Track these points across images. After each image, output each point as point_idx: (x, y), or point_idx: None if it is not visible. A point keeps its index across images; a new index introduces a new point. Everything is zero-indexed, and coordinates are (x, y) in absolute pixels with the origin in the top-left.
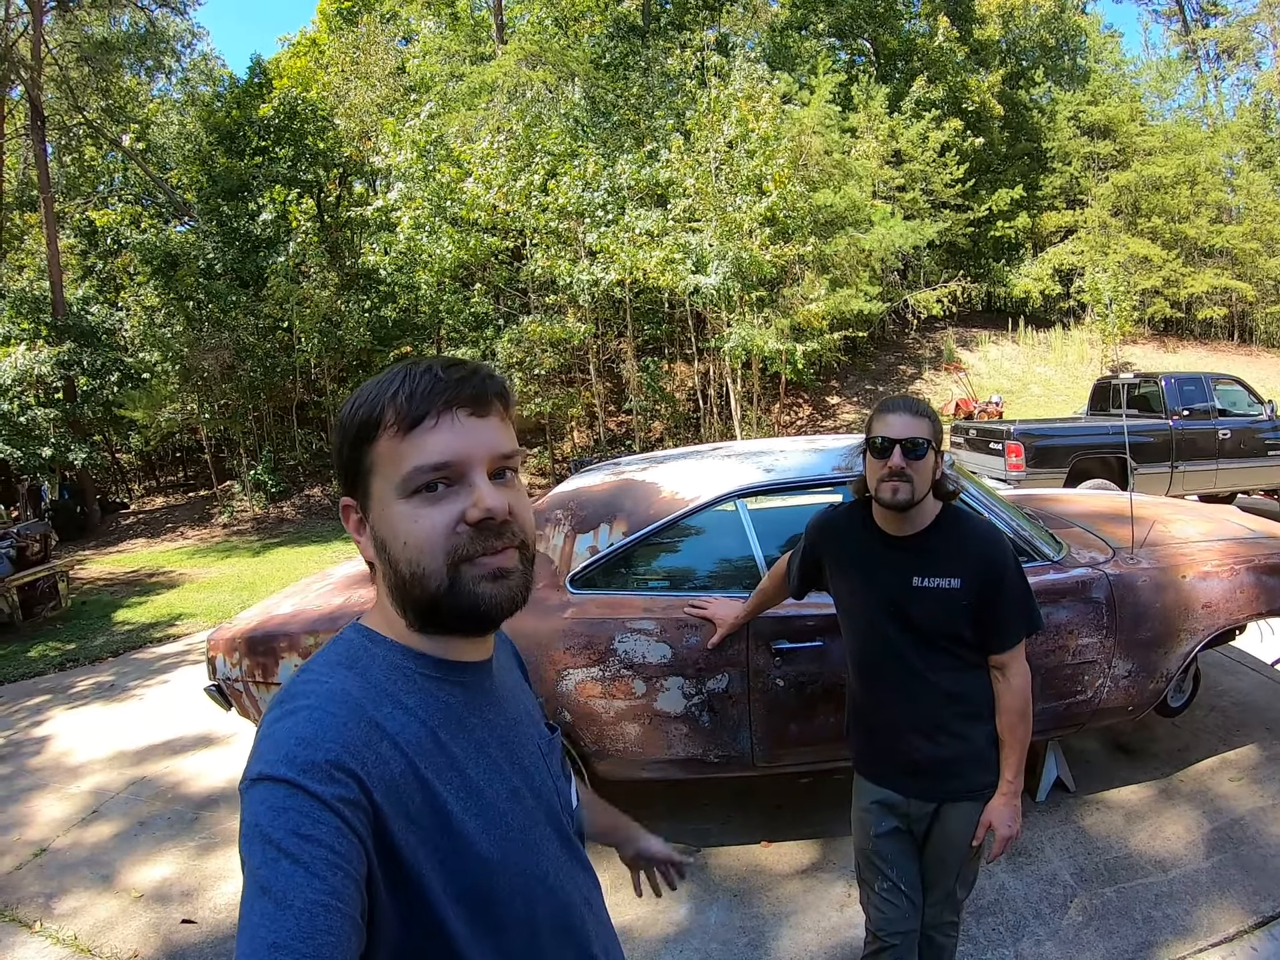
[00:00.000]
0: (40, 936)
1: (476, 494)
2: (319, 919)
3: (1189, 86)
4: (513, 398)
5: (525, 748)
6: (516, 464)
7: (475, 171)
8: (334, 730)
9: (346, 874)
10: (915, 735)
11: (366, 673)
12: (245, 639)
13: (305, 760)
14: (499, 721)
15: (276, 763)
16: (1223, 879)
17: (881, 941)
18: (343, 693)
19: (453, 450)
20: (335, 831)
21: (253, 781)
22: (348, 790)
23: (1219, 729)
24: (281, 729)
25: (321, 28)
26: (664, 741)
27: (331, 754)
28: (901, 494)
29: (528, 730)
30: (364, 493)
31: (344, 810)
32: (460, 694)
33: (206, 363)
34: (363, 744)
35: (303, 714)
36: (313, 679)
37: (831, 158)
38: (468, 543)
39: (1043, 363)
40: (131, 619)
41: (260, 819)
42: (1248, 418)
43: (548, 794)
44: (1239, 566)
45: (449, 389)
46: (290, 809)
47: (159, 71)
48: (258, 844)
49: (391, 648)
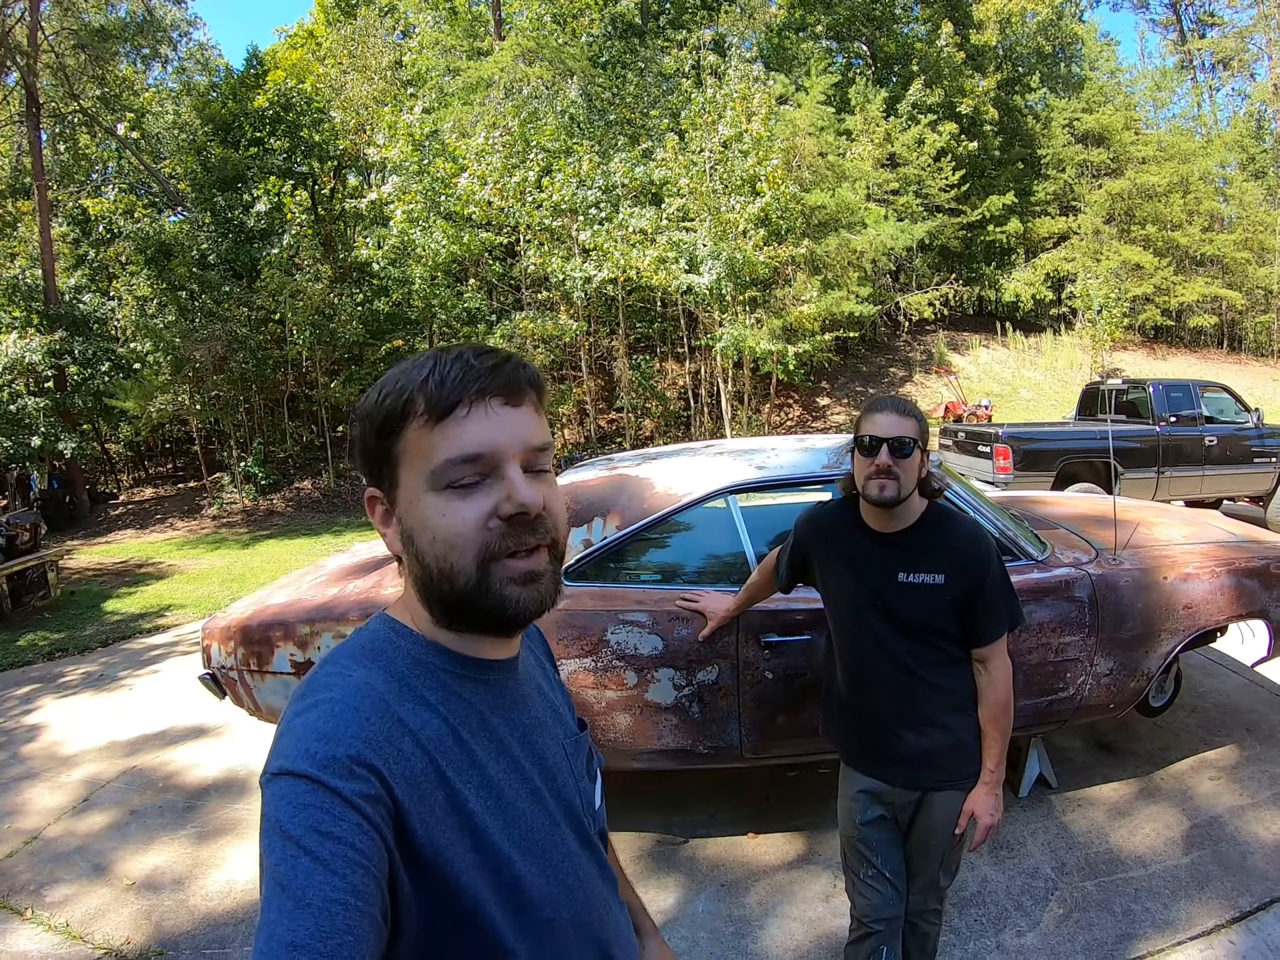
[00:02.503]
0: (32, 924)
1: (510, 487)
2: (338, 918)
3: (1184, 96)
4: (545, 388)
5: (549, 747)
6: (550, 457)
7: (470, 167)
8: (356, 725)
9: (367, 871)
10: (900, 726)
11: (390, 666)
12: (240, 628)
13: (326, 755)
14: (523, 721)
15: (297, 758)
16: (1201, 874)
17: (866, 928)
18: (366, 686)
19: (485, 441)
20: (356, 828)
21: (273, 776)
22: (369, 786)
23: (1200, 729)
24: (303, 723)
25: (319, 20)
26: (654, 732)
27: (353, 749)
28: (888, 491)
29: (553, 730)
30: (391, 484)
31: (365, 807)
32: (484, 692)
33: (198, 354)
34: (384, 739)
35: (325, 707)
36: (336, 671)
37: (826, 159)
38: (499, 539)
39: (1033, 367)
40: (121, 609)
41: (280, 815)
42: (1234, 425)
43: (569, 794)
44: (1220, 569)
45: (482, 377)
46: (311, 805)
47: (155, 60)
48: (277, 840)
49: (416, 641)
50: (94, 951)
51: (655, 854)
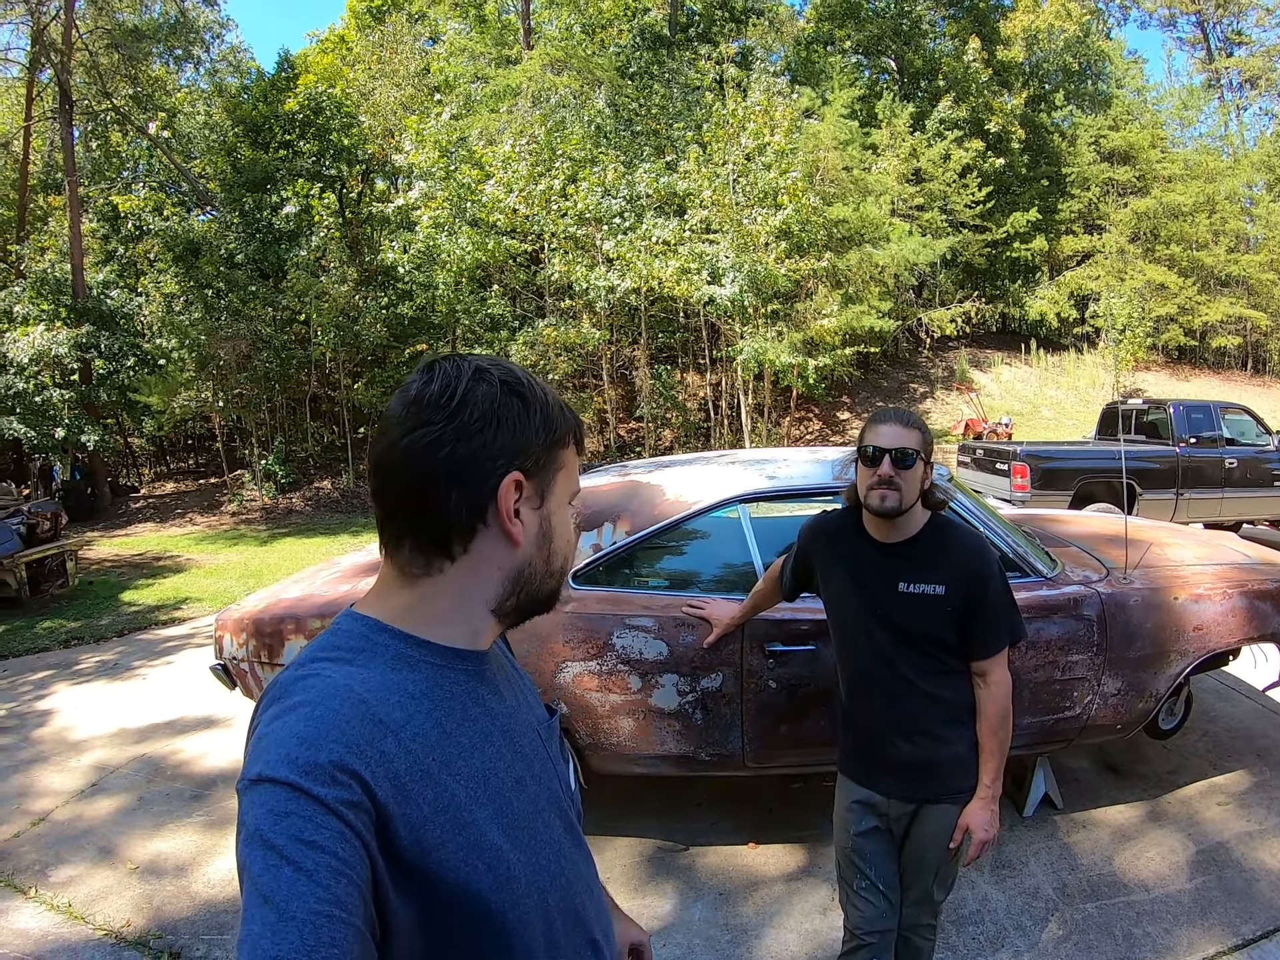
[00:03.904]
0: (35, 903)
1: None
2: (323, 931)
3: (1211, 115)
4: None
5: (525, 734)
6: None
7: (496, 174)
8: (336, 729)
9: (350, 881)
10: (897, 737)
11: (369, 664)
12: (253, 620)
13: (307, 761)
14: (499, 709)
15: (277, 764)
16: (1205, 900)
17: (859, 940)
18: (344, 687)
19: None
20: (338, 836)
21: (251, 783)
22: (351, 793)
23: (1209, 753)
24: (281, 726)
25: (350, 25)
26: (657, 737)
27: (334, 754)
28: (889, 501)
29: (525, 716)
30: (544, 483)
31: (347, 814)
32: (464, 681)
33: (223, 351)
34: (366, 742)
35: (304, 710)
36: (311, 673)
37: (851, 174)
38: None
39: (1055, 386)
40: (137, 600)
41: (261, 823)
42: (1255, 447)
43: (549, 778)
44: (1232, 591)
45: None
46: (292, 813)
47: (187, 61)
48: (258, 850)
49: (393, 635)
50: (94, 932)
51: (655, 860)
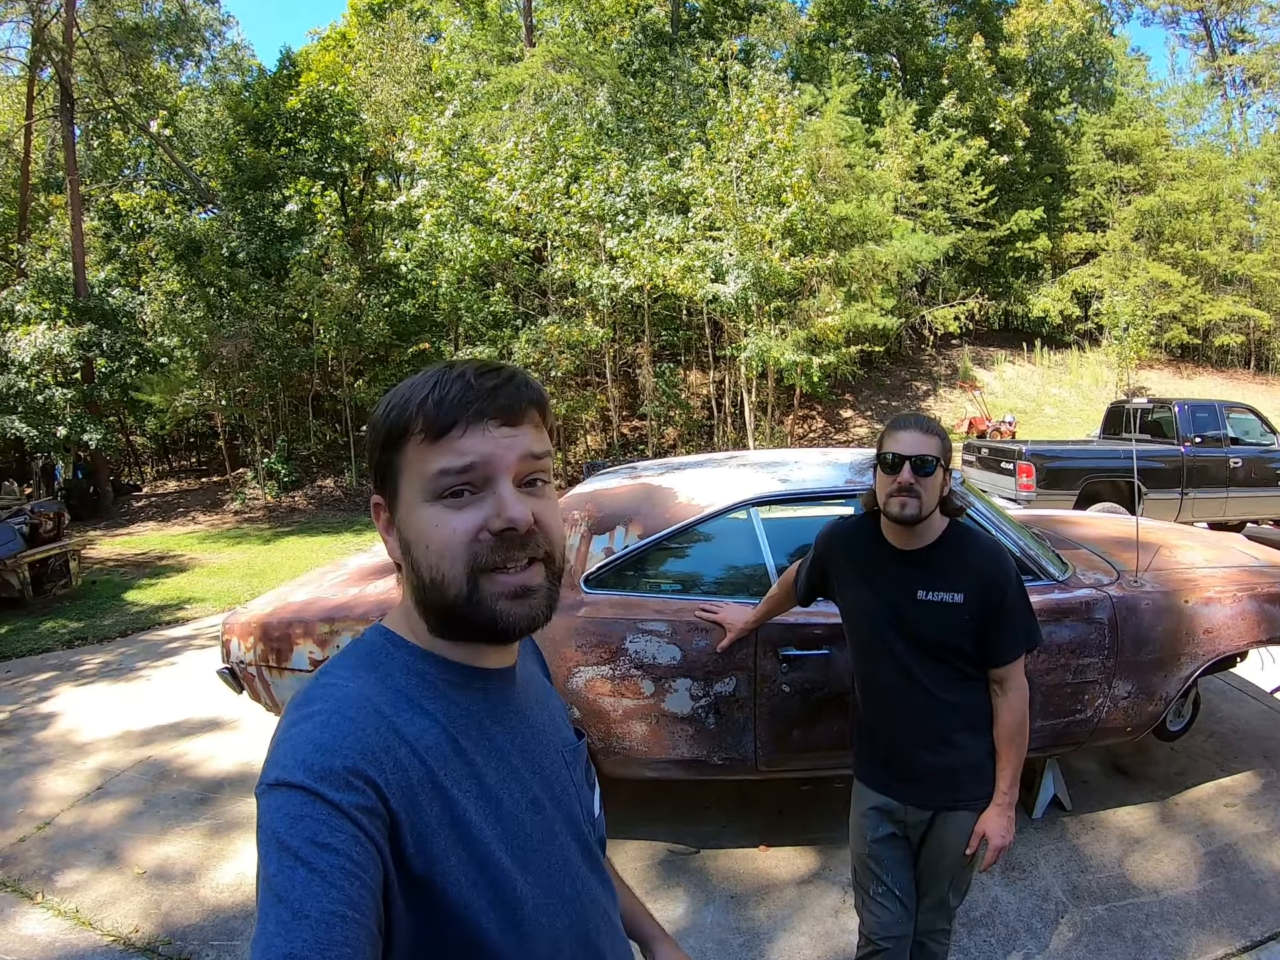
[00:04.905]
0: (42, 908)
1: (500, 502)
2: (335, 930)
3: (1214, 112)
4: (548, 404)
5: (548, 756)
6: (548, 468)
7: (499, 172)
8: (352, 736)
9: (363, 884)
10: (914, 744)
11: (387, 677)
12: (260, 624)
13: (323, 767)
14: (521, 729)
15: (294, 768)
16: (1214, 902)
17: (874, 945)
18: (361, 697)
19: (479, 454)
20: (352, 840)
21: (269, 787)
22: (365, 798)
23: (1217, 755)
24: (299, 733)
25: (352, 22)
26: (670, 742)
27: (350, 761)
28: (909, 509)
29: (551, 738)
30: (393, 493)
31: (361, 818)
32: (482, 700)
33: (225, 350)
34: (381, 750)
35: (320, 718)
36: (332, 682)
37: (853, 171)
38: (489, 552)
39: (1058, 384)
40: (140, 600)
41: (277, 826)
42: (1260, 447)
43: (569, 802)
44: (1242, 593)
45: (480, 398)
46: (307, 816)
47: (189, 59)
48: (274, 851)
49: (412, 651)
50: (102, 938)
51: (666, 863)
